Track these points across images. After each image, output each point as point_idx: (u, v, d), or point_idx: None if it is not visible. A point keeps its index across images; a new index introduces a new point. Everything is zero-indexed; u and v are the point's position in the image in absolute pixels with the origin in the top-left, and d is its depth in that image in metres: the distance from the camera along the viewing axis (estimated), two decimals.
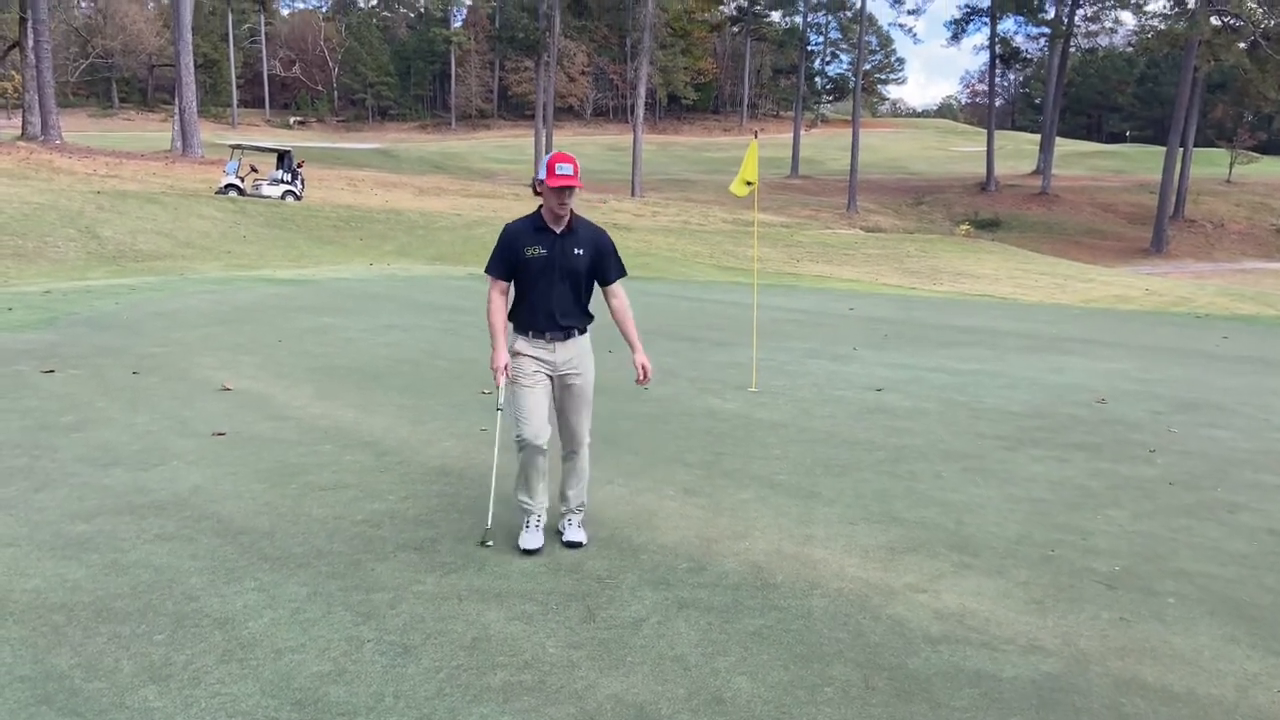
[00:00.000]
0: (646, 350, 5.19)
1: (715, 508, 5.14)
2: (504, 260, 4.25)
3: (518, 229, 4.27)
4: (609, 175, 64.70)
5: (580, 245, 4.26)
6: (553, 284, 4.23)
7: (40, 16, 35.84)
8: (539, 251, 4.19)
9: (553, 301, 4.25)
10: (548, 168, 4.08)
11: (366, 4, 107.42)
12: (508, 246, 4.23)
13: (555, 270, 4.21)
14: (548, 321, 4.27)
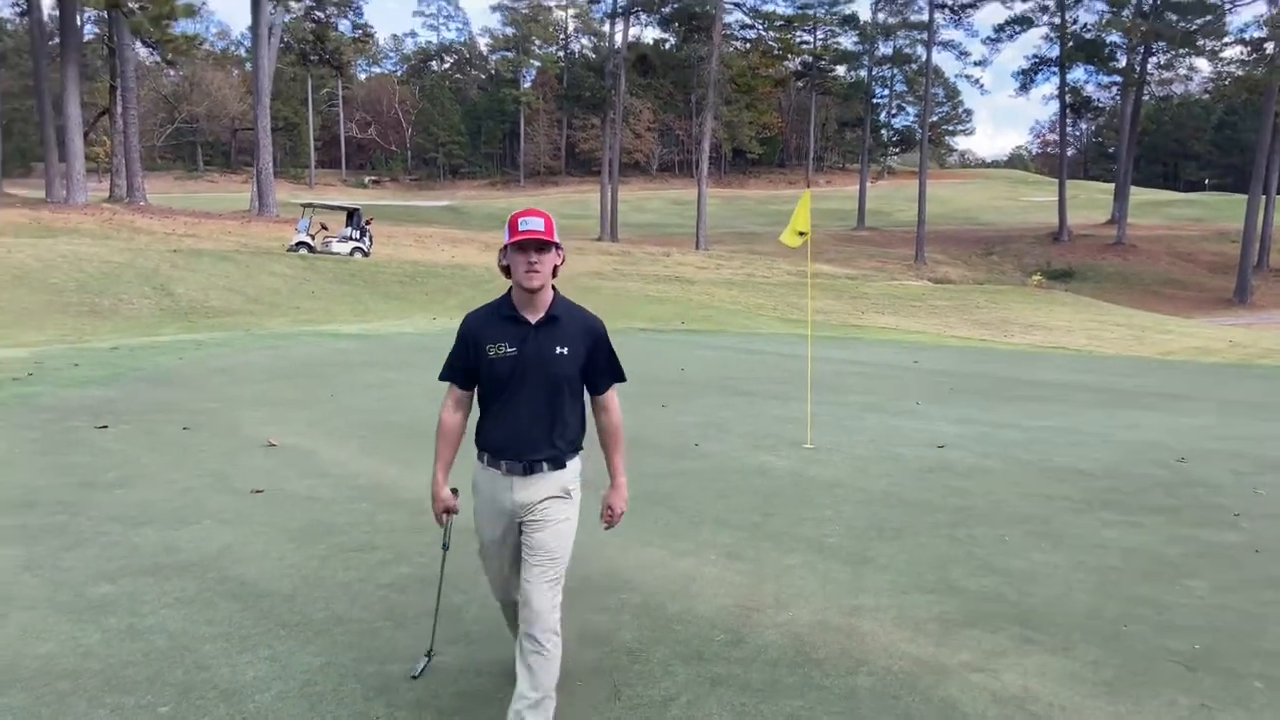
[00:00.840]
0: (685, 406, 4.93)
1: (758, 574, 4.85)
2: (461, 361, 3.17)
3: (480, 319, 3.17)
4: (674, 229, 65.08)
5: (564, 340, 3.10)
6: (522, 394, 3.08)
7: (128, 84, 37.65)
8: (505, 349, 3.06)
9: (519, 419, 3.09)
10: (510, 225, 3.04)
11: (440, 67, 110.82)
12: (466, 343, 3.15)
13: (526, 374, 3.07)
14: (506, 446, 3.11)
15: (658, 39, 73.21)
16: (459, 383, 3.22)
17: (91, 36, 53.13)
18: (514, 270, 3.04)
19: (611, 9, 61.78)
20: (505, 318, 3.12)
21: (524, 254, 3.01)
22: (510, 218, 3.08)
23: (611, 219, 57.59)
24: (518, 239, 2.99)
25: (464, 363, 3.16)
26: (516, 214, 3.08)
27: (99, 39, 49.14)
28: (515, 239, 2.99)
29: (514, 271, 3.04)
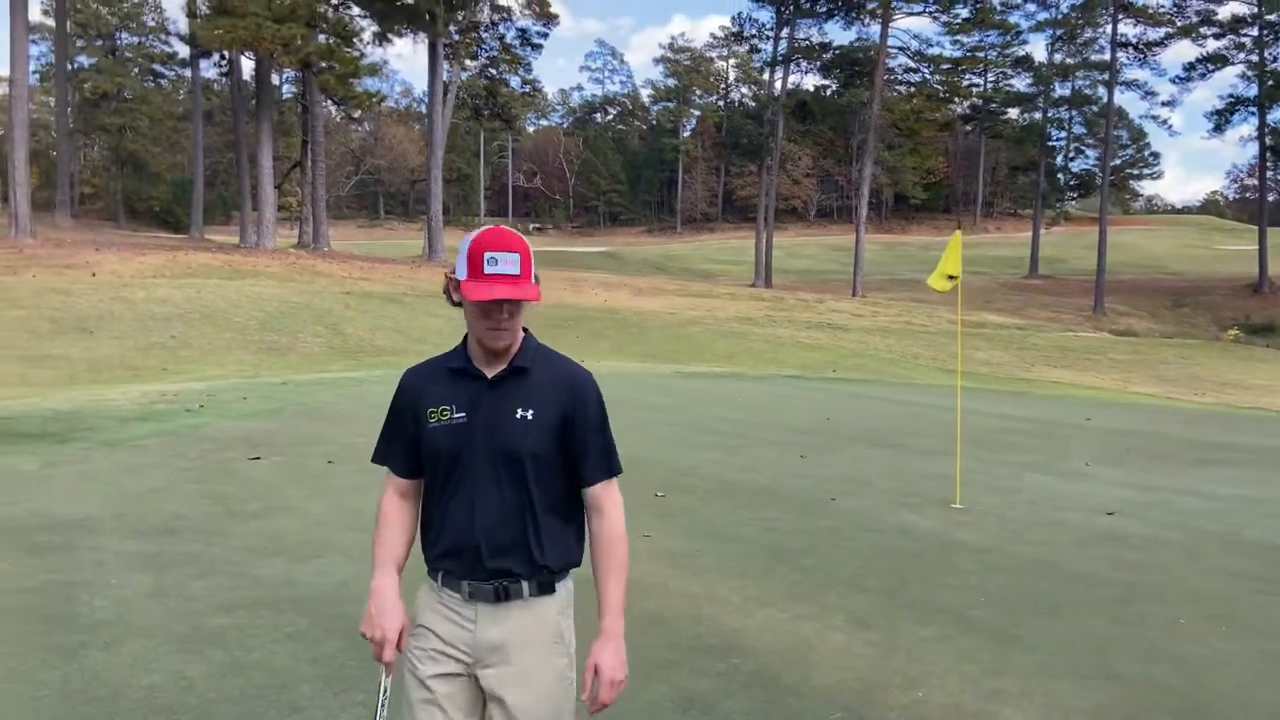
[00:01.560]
0: (825, 457, 4.53)
1: (888, 645, 4.44)
2: (398, 434, 2.22)
3: (421, 375, 2.25)
4: (831, 275, 64.04)
5: (529, 400, 2.13)
6: (475, 478, 2.11)
7: (317, 139, 40.46)
8: (451, 415, 2.13)
9: (477, 514, 2.11)
10: (469, 258, 2.06)
11: (603, 118, 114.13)
12: (402, 407, 2.22)
13: (478, 450, 2.11)
14: (461, 555, 2.12)
15: (818, 85, 72.90)
16: (398, 467, 2.22)
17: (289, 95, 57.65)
18: (471, 322, 2.11)
19: (771, 57, 62.01)
20: (453, 371, 2.17)
21: (485, 315, 2.06)
22: (471, 243, 2.07)
23: (766, 265, 57.23)
24: (483, 295, 2.01)
25: (402, 437, 2.19)
26: (480, 239, 2.06)
27: (295, 98, 53.16)
28: (479, 295, 2.01)
29: (471, 323, 2.12)
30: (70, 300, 20.92)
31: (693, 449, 9.71)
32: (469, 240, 2.11)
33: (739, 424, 11.81)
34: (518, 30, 53.86)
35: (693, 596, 5.03)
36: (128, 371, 16.23)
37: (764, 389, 16.64)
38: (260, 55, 34.67)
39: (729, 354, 24.56)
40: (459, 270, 2.09)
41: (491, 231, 2.11)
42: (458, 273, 2.10)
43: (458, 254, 2.11)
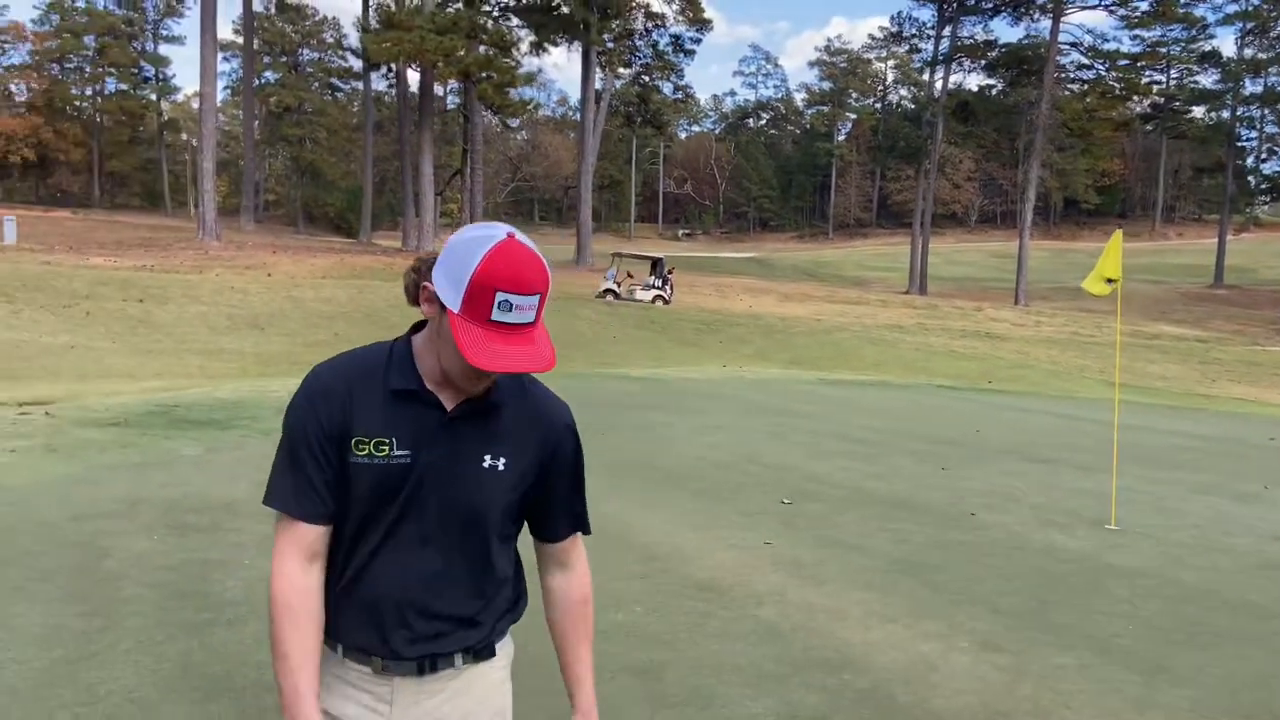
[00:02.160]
0: (970, 470, 4.23)
1: (1018, 670, 4.11)
2: (308, 466, 1.57)
3: (346, 385, 1.59)
4: (991, 283, 61.43)
5: (501, 444, 1.63)
6: (411, 535, 1.60)
7: (476, 147, 41.99)
8: (390, 453, 1.57)
9: (406, 579, 1.61)
10: (474, 290, 1.45)
11: (756, 123, 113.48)
12: (316, 431, 1.57)
13: (425, 503, 1.59)
14: (381, 627, 1.62)
15: (982, 85, 70.08)
16: (310, 511, 1.56)
17: (453, 106, 60.02)
18: (445, 354, 1.53)
19: (932, 57, 60.07)
20: (401, 394, 1.57)
21: (488, 345, 1.46)
22: (477, 270, 1.44)
23: (921, 272, 55.42)
24: (486, 358, 1.44)
25: (318, 468, 1.56)
26: (492, 267, 1.44)
27: (458, 108, 55.31)
28: (480, 349, 1.45)
29: (444, 355, 1.53)
30: (246, 298, 22.38)
31: (827, 456, 9.41)
32: (473, 261, 1.45)
33: (880, 433, 11.39)
34: (671, 37, 54.16)
35: (810, 608, 4.82)
36: (292, 365, 17.18)
37: (911, 398, 16.03)
38: (423, 67, 36.21)
39: (876, 362, 23.84)
40: (447, 291, 1.48)
41: (507, 254, 1.45)
42: (444, 293, 1.48)
43: (447, 262, 1.49)
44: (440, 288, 1.51)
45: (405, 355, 1.61)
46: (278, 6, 70.00)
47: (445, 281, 1.50)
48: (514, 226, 1.52)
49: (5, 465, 7.19)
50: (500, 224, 1.52)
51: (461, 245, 1.50)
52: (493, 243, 1.48)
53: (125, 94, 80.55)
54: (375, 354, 1.63)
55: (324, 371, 1.62)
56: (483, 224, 1.55)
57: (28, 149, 71.26)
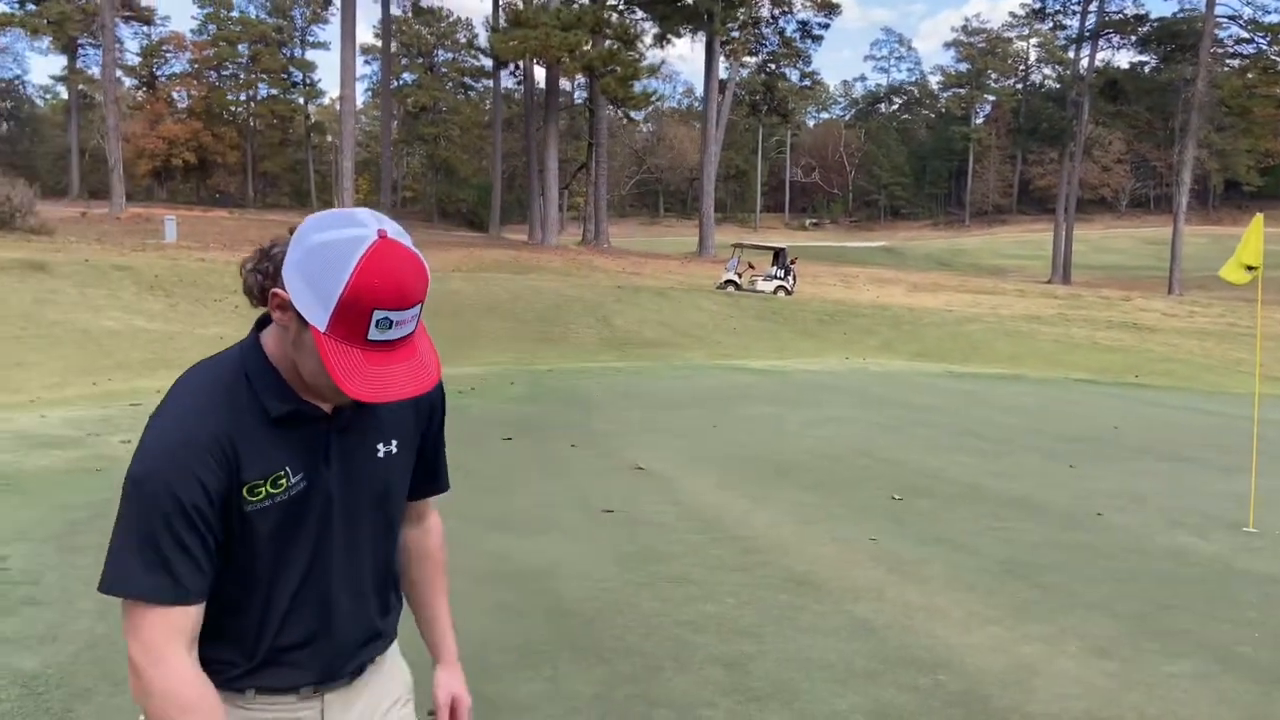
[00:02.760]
0: (1099, 468, 3.99)
1: (1127, 677, 3.91)
2: (185, 546, 1.28)
3: (220, 430, 1.32)
4: (1142, 272, 58.18)
5: (388, 428, 1.49)
6: (321, 551, 1.44)
7: (600, 141, 42.48)
8: (288, 485, 1.37)
9: (330, 597, 1.46)
10: (345, 307, 1.22)
11: (887, 109, 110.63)
12: (190, 502, 1.28)
13: (332, 515, 1.43)
14: (309, 654, 1.46)
15: (1132, 62, 66.27)
16: (184, 593, 1.30)
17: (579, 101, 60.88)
18: (304, 364, 1.32)
19: (1078, 33, 57.22)
20: (266, 419, 1.36)
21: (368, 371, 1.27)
22: (350, 283, 1.22)
23: (1064, 260, 52.96)
24: (369, 390, 1.25)
25: (198, 544, 1.30)
26: (366, 281, 1.22)
27: (584, 103, 56.07)
28: (358, 379, 1.25)
29: (310, 371, 1.32)
30: None
31: (945, 451, 9.13)
32: (343, 274, 1.22)
33: (1006, 429, 10.97)
34: (798, 23, 53.46)
35: (908, 606, 4.71)
36: None
37: (1045, 393, 15.36)
38: (548, 63, 36.88)
39: (1011, 355, 22.94)
40: (310, 306, 1.25)
41: (384, 262, 1.23)
42: (305, 307, 1.26)
43: (307, 269, 1.25)
44: (299, 299, 1.26)
45: (268, 371, 1.37)
46: (414, 10, 72.50)
47: (306, 293, 1.25)
48: (642, 218, 1.26)
49: None
50: (361, 211, 1.28)
51: (323, 250, 1.24)
52: (363, 247, 1.22)
53: (275, 98, 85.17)
54: (228, 379, 1.36)
55: (185, 424, 1.32)
56: (339, 213, 1.29)
57: (189, 152, 76.19)
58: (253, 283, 1.36)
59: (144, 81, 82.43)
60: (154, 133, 74.79)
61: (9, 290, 17.63)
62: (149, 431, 1.33)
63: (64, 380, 12.89)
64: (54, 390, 11.99)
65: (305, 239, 1.27)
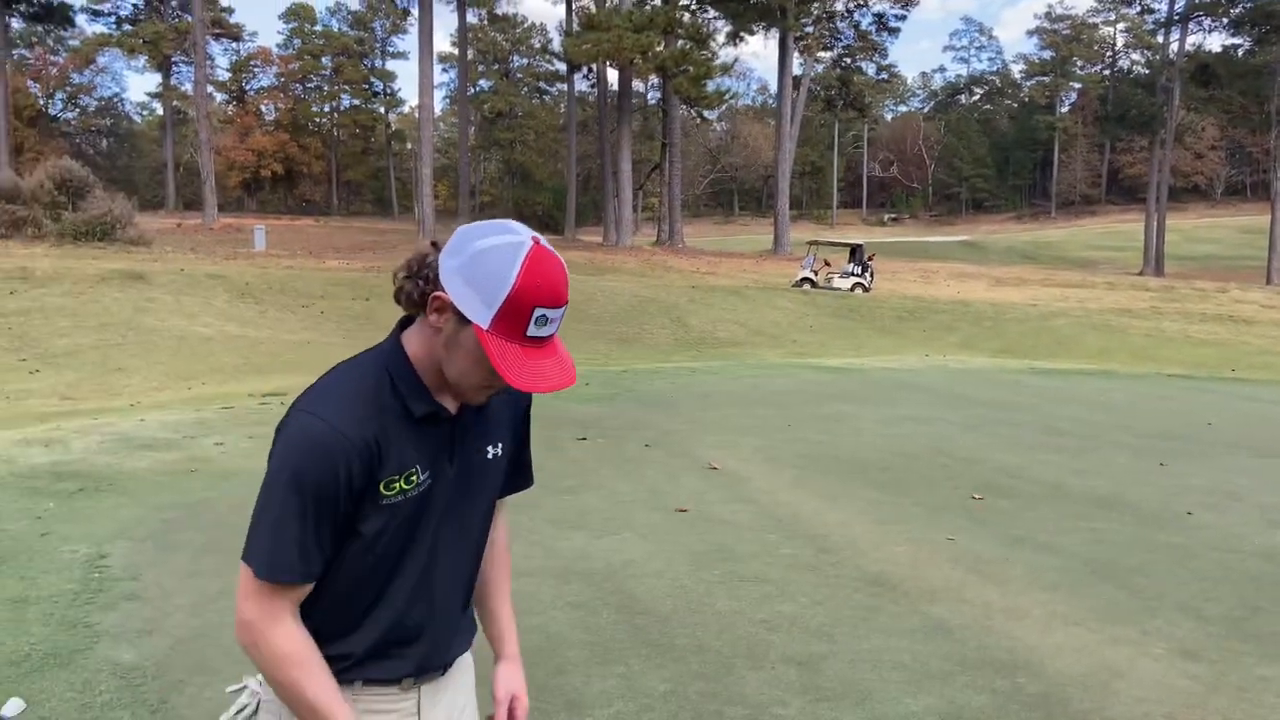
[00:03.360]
0: (1191, 466, 3.91)
1: (1214, 681, 3.79)
2: (320, 533, 1.42)
3: (367, 429, 1.42)
4: (1240, 262, 55.81)
5: (494, 430, 1.61)
6: (432, 546, 1.55)
7: (674, 141, 42.51)
8: (417, 480, 1.48)
9: (432, 591, 1.57)
10: (511, 306, 1.36)
11: (968, 100, 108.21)
12: (336, 494, 1.41)
13: (448, 512, 1.55)
14: (413, 647, 1.57)
15: (1225, 45, 63.65)
16: (311, 572, 1.44)
17: (653, 102, 61.03)
18: (459, 367, 1.43)
19: (1167, 17, 55.17)
20: (407, 418, 1.46)
21: (529, 364, 1.39)
22: (515, 285, 1.35)
23: (1157, 250, 51.13)
24: (529, 379, 1.37)
25: (332, 532, 1.43)
26: (530, 282, 1.35)
27: (657, 104, 56.20)
28: (522, 369, 1.37)
29: (457, 368, 1.44)
30: None
31: (1027, 449, 8.92)
32: (510, 275, 1.35)
33: (1092, 426, 10.65)
34: (874, 16, 52.65)
35: (987, 606, 4.63)
36: None
37: (1135, 389, 14.87)
38: (621, 65, 37.06)
39: (1099, 350, 22.28)
40: (474, 306, 1.37)
41: (542, 264, 1.37)
42: (468, 307, 1.37)
43: (473, 273, 1.36)
44: (463, 301, 1.38)
45: (410, 373, 1.48)
46: (490, 18, 73.64)
47: (469, 295, 1.38)
48: (717, 217, 1.43)
49: (245, 450, 8.04)
50: (512, 222, 1.43)
51: (486, 255, 1.37)
52: (523, 251, 1.37)
53: (358, 108, 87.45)
54: (374, 379, 1.47)
55: (335, 420, 1.40)
56: (494, 223, 1.43)
57: (276, 163, 78.75)
58: (410, 288, 1.45)
59: (234, 96, 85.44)
60: (244, 145, 77.51)
61: (111, 300, 18.49)
62: (297, 423, 1.43)
63: (161, 385, 13.47)
64: (152, 394, 12.53)
65: (465, 247, 1.40)
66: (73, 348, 15.46)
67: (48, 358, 14.86)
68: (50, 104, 79.57)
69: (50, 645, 3.89)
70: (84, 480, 6.70)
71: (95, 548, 5.18)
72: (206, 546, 5.30)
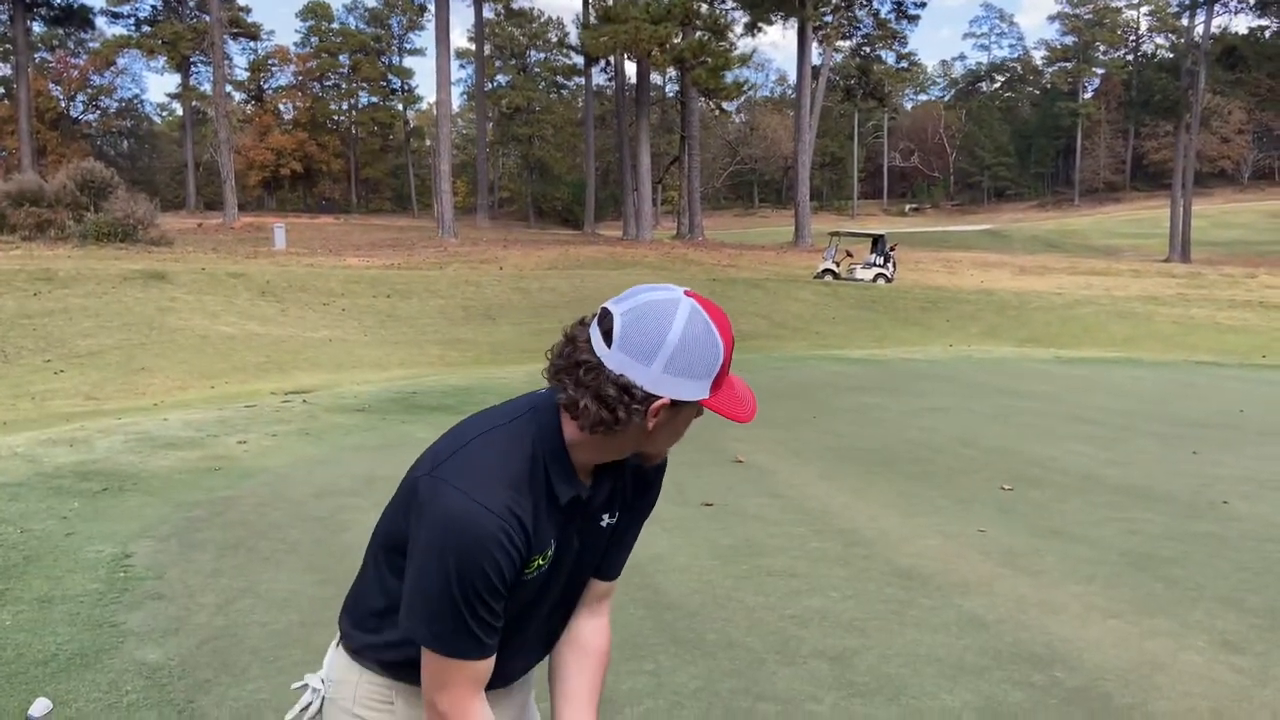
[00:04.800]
0: (1224, 454, 3.81)
1: (1260, 674, 3.68)
2: (498, 607, 1.44)
3: (526, 516, 1.42)
4: (1269, 247, 55.04)
5: (617, 500, 1.62)
6: (548, 609, 1.63)
7: (692, 133, 42.34)
8: (547, 556, 1.50)
9: (539, 634, 1.66)
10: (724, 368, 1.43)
11: (989, 87, 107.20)
12: (505, 580, 1.42)
13: (565, 580, 1.61)
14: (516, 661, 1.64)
15: (1251, 26, 62.57)
16: (489, 650, 1.47)
17: (671, 95, 60.85)
18: (663, 442, 1.51)
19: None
20: (551, 500, 1.47)
21: (738, 397, 1.48)
22: (725, 347, 1.42)
23: (1183, 237, 50.46)
24: (747, 410, 1.48)
25: (499, 604, 1.45)
26: (724, 333, 1.42)
27: (675, 96, 56.02)
28: (741, 405, 1.47)
29: (662, 442, 1.51)
30: (480, 290, 23.79)
31: (1056, 439, 8.79)
32: (717, 347, 1.41)
33: (1122, 415, 10.50)
34: (893, 4, 52.19)
35: (1021, 600, 4.53)
36: (521, 353, 18.10)
37: (1163, 377, 14.66)
38: (638, 57, 36.92)
39: (1126, 338, 22.00)
40: (691, 390, 1.41)
41: (720, 320, 1.43)
42: (686, 394, 1.41)
43: (683, 362, 1.38)
44: (681, 391, 1.40)
45: (562, 456, 1.47)
46: (507, 12, 73.60)
47: (687, 383, 1.40)
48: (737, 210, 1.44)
49: (267, 448, 8.04)
50: (660, 293, 1.42)
51: (688, 340, 1.38)
52: (701, 313, 1.41)
53: (375, 106, 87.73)
54: (528, 460, 1.46)
55: (499, 500, 1.40)
56: (657, 302, 1.40)
57: (295, 162, 79.14)
58: (595, 411, 1.40)
59: (252, 95, 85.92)
60: (263, 144, 77.96)
61: (134, 300, 18.61)
62: (460, 505, 1.39)
63: (184, 384, 13.53)
64: (175, 393, 12.59)
65: (655, 347, 1.38)
66: (96, 348, 15.56)
67: (72, 358, 14.96)
68: (71, 106, 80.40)
69: (77, 645, 3.87)
70: (108, 479, 6.71)
71: (120, 547, 5.18)
72: (229, 544, 5.28)
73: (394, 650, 1.54)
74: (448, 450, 1.48)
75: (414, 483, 1.47)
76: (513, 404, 1.56)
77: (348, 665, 1.62)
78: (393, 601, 1.51)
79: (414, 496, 1.45)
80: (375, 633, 1.57)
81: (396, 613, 1.50)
